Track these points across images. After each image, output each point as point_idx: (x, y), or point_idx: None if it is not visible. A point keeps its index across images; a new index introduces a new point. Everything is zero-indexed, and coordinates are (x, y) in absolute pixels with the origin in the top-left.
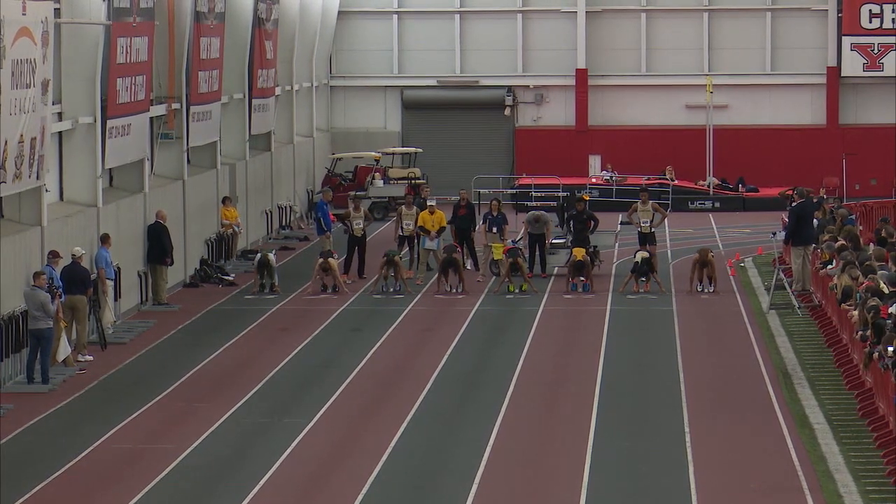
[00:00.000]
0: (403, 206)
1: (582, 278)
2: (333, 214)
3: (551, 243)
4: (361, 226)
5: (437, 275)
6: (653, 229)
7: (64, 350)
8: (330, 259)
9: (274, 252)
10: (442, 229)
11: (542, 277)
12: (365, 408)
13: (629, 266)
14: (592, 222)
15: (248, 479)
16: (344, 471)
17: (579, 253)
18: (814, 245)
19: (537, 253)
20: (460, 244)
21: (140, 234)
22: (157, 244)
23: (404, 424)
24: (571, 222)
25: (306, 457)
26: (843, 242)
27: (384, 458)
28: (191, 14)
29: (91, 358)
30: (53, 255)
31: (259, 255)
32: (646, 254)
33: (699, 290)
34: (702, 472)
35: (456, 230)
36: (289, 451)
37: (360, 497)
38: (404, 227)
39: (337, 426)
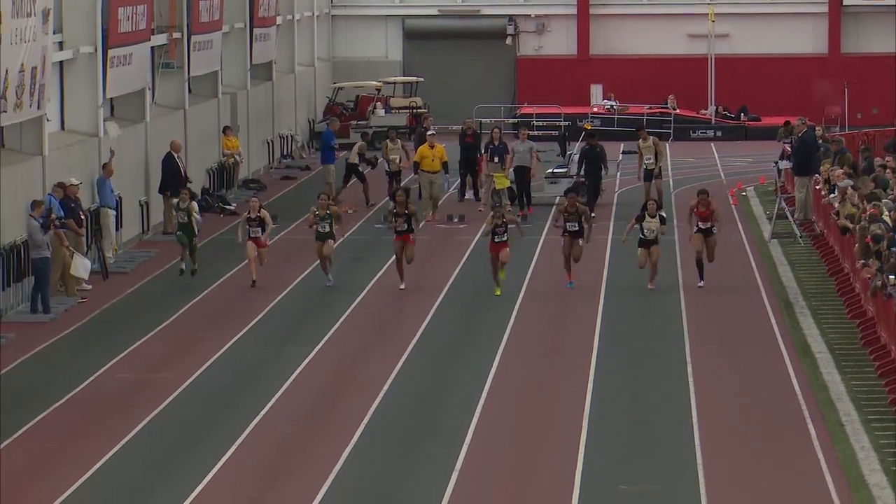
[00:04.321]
0: (388, 141)
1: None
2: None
3: (552, 173)
4: (398, 160)
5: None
6: (659, 165)
7: (83, 267)
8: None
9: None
10: (445, 164)
11: (529, 213)
12: (366, 337)
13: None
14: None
15: (250, 407)
16: (346, 399)
17: (572, 202)
18: (817, 175)
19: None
20: (466, 173)
21: (141, 163)
22: (164, 175)
23: (406, 353)
24: (585, 157)
25: (309, 386)
26: (846, 170)
27: (386, 386)
28: None
29: (89, 287)
30: (60, 185)
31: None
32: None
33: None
34: (704, 401)
35: (462, 159)
36: (291, 379)
37: (362, 425)
38: (390, 160)
39: (339, 355)
